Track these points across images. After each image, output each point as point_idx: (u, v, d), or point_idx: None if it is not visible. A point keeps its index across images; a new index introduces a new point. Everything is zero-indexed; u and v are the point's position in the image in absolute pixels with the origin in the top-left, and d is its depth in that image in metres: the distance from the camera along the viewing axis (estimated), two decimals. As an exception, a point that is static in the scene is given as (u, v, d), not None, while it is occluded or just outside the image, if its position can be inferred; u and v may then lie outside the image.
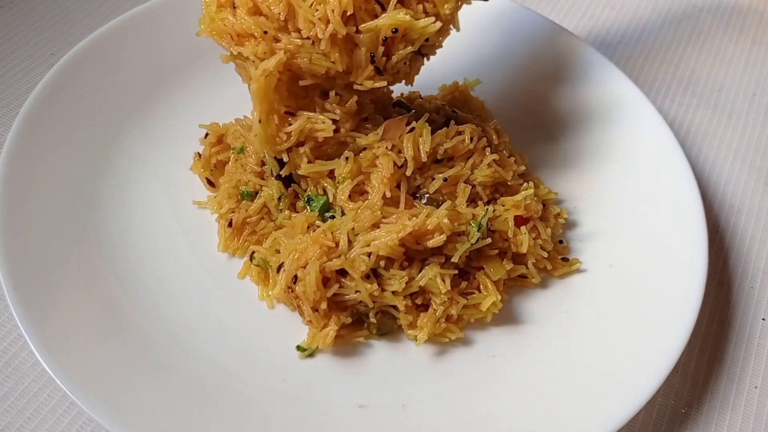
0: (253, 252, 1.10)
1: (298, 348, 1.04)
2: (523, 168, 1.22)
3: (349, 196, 1.09)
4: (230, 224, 1.13)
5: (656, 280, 1.11)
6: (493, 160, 1.16)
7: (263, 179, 1.15)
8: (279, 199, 1.13)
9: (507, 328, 1.10)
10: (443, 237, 1.06)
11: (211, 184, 1.20)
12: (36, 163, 1.12)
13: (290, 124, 1.06)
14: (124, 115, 1.25)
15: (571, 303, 1.13)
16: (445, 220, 1.05)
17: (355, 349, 1.06)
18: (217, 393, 0.96)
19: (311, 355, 1.04)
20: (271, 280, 1.09)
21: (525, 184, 1.18)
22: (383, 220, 1.07)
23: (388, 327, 1.07)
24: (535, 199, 1.17)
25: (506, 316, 1.11)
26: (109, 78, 1.27)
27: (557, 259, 1.17)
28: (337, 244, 1.04)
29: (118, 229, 1.13)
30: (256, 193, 1.15)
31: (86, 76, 1.24)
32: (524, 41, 1.42)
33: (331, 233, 1.06)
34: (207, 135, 1.24)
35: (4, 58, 1.41)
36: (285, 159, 1.09)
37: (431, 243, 1.06)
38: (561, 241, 1.20)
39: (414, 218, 1.05)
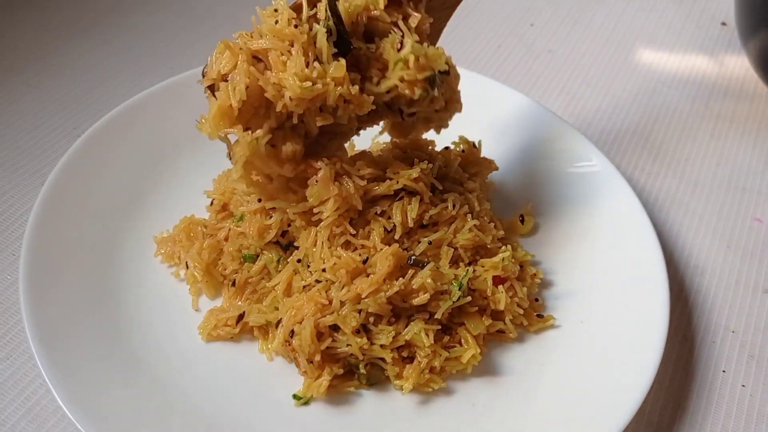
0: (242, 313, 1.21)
1: (294, 396, 1.14)
2: (501, 233, 1.34)
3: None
4: (233, 284, 1.25)
5: (622, 334, 1.22)
6: (474, 225, 1.28)
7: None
8: (278, 261, 1.24)
9: (486, 379, 1.20)
10: (427, 296, 1.17)
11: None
12: (60, 227, 1.24)
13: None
14: (141, 184, 1.39)
15: (544, 355, 1.23)
16: (429, 280, 1.17)
17: (346, 398, 1.16)
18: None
19: (306, 403, 1.14)
20: (270, 335, 1.19)
21: (503, 247, 1.29)
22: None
23: (376, 378, 1.17)
24: (513, 260, 1.29)
25: (485, 368, 1.21)
26: (127, 150, 1.40)
27: (533, 316, 1.27)
28: (330, 302, 1.15)
29: (135, 289, 1.24)
30: (257, 255, 1.27)
31: (106, 148, 1.38)
32: (503, 116, 1.55)
33: (325, 292, 1.17)
34: (212, 202, 1.36)
35: (31, 132, 1.55)
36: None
37: (416, 301, 1.17)
38: (537, 299, 1.31)
39: (401, 278, 1.17)
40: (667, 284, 1.25)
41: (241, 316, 1.20)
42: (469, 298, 1.20)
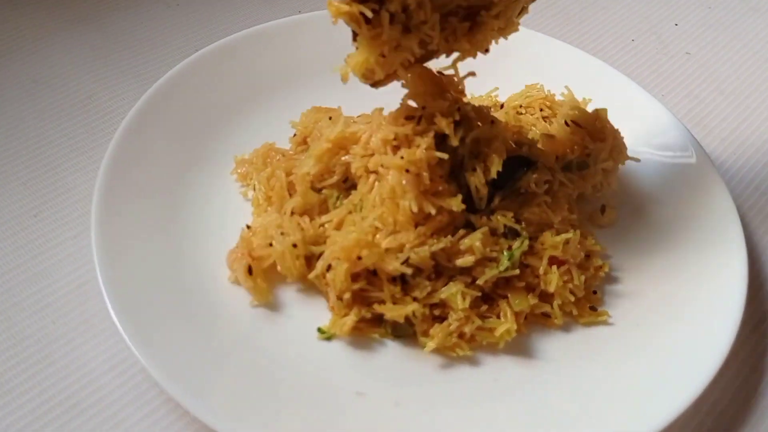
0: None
1: (319, 330, 1.13)
2: (573, 217, 1.26)
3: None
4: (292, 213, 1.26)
5: (676, 351, 1.12)
6: (545, 201, 1.22)
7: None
8: (337, 198, 1.24)
9: (517, 359, 1.14)
10: (472, 259, 1.12)
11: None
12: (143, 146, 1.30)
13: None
14: (229, 113, 1.43)
15: (587, 349, 1.15)
16: (478, 243, 1.12)
17: (370, 344, 1.14)
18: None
19: (329, 338, 1.13)
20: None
21: (573, 232, 1.22)
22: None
23: (403, 331, 1.14)
24: (578, 246, 1.21)
25: (521, 348, 1.15)
26: (220, 83, 1.45)
27: (585, 307, 1.19)
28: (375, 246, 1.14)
29: (204, 205, 1.28)
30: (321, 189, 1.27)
31: (197, 80, 1.42)
32: (603, 97, 1.46)
33: (372, 237, 1.15)
34: (295, 134, 1.38)
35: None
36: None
37: (459, 262, 1.13)
38: (595, 292, 1.22)
39: (449, 236, 1.13)
40: (740, 313, 1.13)
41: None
42: (516, 272, 1.15)
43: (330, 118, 1.30)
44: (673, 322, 1.16)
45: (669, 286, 1.22)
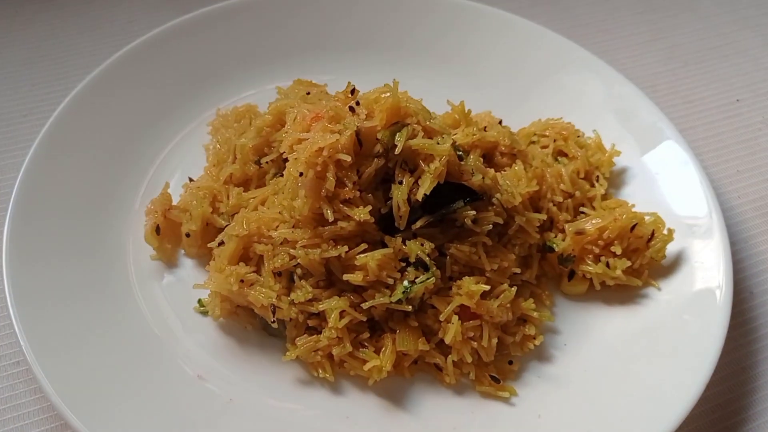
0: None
1: (199, 302, 1.08)
2: (517, 271, 1.08)
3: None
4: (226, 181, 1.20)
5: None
6: (483, 242, 1.06)
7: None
8: (274, 175, 1.16)
9: (381, 402, 1.01)
10: (360, 276, 1.00)
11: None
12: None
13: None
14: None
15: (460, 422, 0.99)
16: (372, 264, 1.00)
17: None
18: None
19: (204, 313, 1.07)
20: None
21: (506, 288, 1.05)
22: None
23: (274, 331, 1.05)
24: (507, 306, 1.04)
25: (391, 393, 1.02)
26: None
27: (485, 374, 1.03)
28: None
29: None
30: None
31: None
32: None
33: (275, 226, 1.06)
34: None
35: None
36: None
37: (346, 276, 1.01)
38: (511, 362, 1.05)
39: (345, 247, 1.01)
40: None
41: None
42: (408, 308, 1.01)
43: (308, 93, 1.21)
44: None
45: (606, 394, 1.02)
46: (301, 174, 1.01)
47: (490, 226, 1.06)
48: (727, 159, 1.41)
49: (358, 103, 1.04)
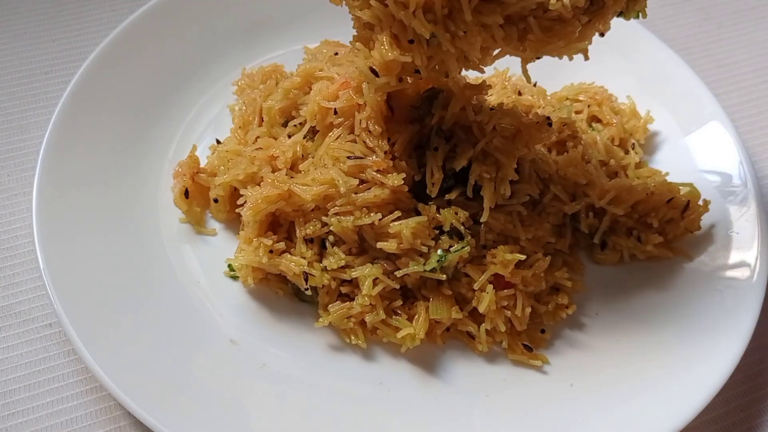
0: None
1: (229, 266, 1.07)
2: (552, 240, 1.07)
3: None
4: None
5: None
6: (518, 212, 1.04)
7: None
8: (305, 138, 1.13)
9: (413, 370, 1.01)
10: (394, 244, 0.99)
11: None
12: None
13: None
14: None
15: (492, 390, 0.99)
16: (407, 231, 0.99)
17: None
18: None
19: (234, 278, 1.06)
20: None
21: (541, 257, 1.04)
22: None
23: (307, 297, 1.04)
24: (541, 275, 1.04)
25: (422, 360, 1.02)
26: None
27: (518, 343, 1.02)
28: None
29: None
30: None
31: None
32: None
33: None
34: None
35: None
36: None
37: (380, 245, 1.00)
38: (543, 331, 1.04)
39: (380, 214, 1.00)
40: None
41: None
42: (442, 276, 1.00)
43: (335, 54, 1.18)
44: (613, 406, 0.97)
45: (639, 365, 1.01)
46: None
47: (527, 197, 1.05)
48: (762, 126, 1.38)
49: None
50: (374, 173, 0.99)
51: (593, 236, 1.11)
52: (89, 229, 1.04)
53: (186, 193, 1.11)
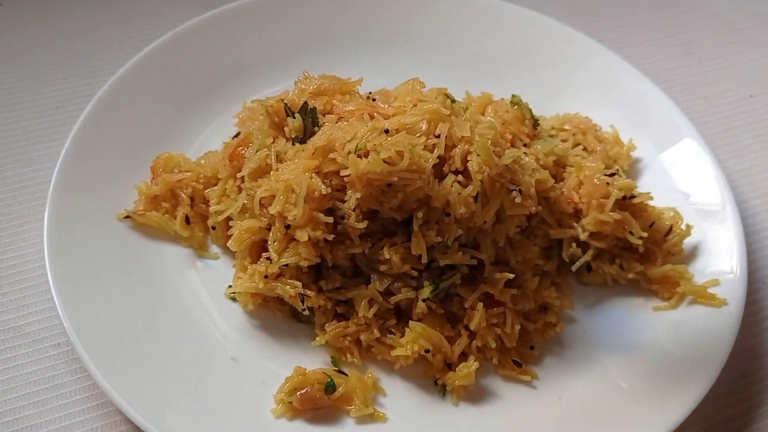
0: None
1: (229, 287, 1.12)
2: (540, 263, 1.13)
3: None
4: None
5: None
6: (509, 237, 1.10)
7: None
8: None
9: (410, 387, 1.05)
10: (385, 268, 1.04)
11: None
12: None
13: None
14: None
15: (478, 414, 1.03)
16: (396, 258, 1.03)
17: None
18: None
19: (233, 299, 1.11)
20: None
21: (529, 277, 1.09)
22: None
23: (303, 317, 1.09)
24: (530, 294, 1.08)
25: (416, 378, 1.06)
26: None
27: (508, 359, 1.06)
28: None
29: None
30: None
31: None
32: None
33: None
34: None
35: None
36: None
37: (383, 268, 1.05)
38: (532, 347, 1.08)
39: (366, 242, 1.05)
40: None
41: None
42: (434, 305, 1.05)
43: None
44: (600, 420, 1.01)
45: (624, 379, 1.06)
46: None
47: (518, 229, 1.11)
48: (741, 153, 1.44)
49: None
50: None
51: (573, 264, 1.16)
52: (97, 255, 1.10)
53: (187, 220, 1.17)
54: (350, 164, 1.00)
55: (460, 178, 1.03)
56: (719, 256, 1.16)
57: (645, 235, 1.13)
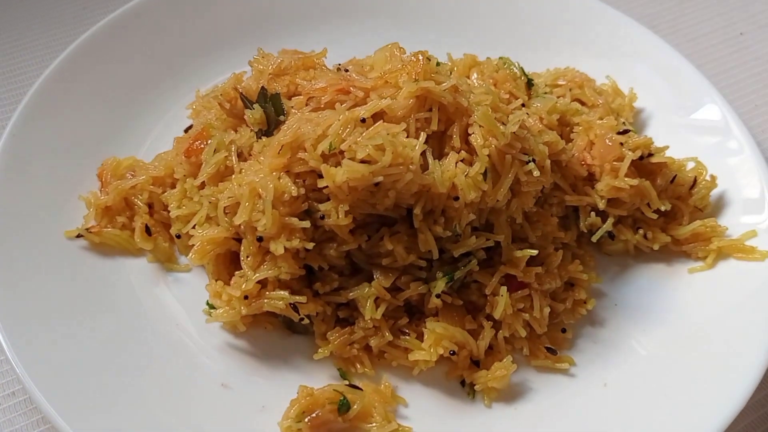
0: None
1: (207, 303, 0.95)
2: (561, 235, 1.00)
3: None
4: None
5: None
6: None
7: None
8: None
9: (433, 393, 0.91)
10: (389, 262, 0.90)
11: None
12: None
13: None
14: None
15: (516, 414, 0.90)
16: (400, 249, 0.89)
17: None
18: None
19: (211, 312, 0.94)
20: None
21: (552, 252, 0.96)
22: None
23: (300, 328, 0.94)
24: (555, 270, 0.95)
25: (437, 381, 0.92)
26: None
27: (540, 347, 0.93)
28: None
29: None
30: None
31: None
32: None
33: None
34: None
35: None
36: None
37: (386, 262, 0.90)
38: (564, 330, 0.96)
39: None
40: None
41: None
42: (449, 299, 0.91)
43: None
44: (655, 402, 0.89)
45: (673, 354, 0.94)
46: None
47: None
48: (742, 95, 1.34)
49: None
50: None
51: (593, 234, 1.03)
52: (48, 286, 0.93)
53: (148, 230, 1.00)
54: (325, 174, 0.85)
55: (463, 155, 0.89)
56: (750, 205, 1.05)
57: (663, 208, 1.02)
